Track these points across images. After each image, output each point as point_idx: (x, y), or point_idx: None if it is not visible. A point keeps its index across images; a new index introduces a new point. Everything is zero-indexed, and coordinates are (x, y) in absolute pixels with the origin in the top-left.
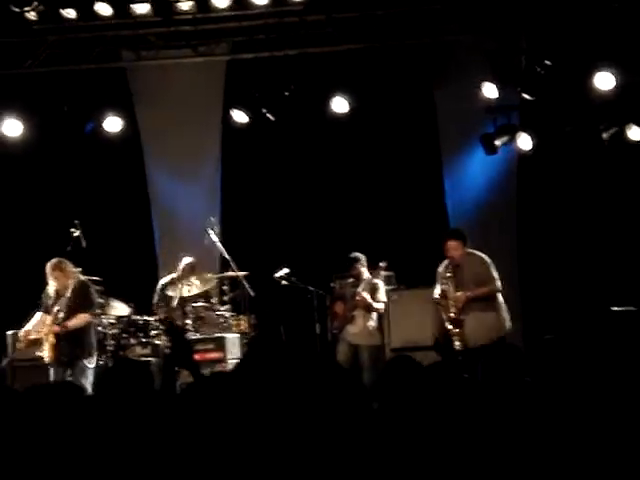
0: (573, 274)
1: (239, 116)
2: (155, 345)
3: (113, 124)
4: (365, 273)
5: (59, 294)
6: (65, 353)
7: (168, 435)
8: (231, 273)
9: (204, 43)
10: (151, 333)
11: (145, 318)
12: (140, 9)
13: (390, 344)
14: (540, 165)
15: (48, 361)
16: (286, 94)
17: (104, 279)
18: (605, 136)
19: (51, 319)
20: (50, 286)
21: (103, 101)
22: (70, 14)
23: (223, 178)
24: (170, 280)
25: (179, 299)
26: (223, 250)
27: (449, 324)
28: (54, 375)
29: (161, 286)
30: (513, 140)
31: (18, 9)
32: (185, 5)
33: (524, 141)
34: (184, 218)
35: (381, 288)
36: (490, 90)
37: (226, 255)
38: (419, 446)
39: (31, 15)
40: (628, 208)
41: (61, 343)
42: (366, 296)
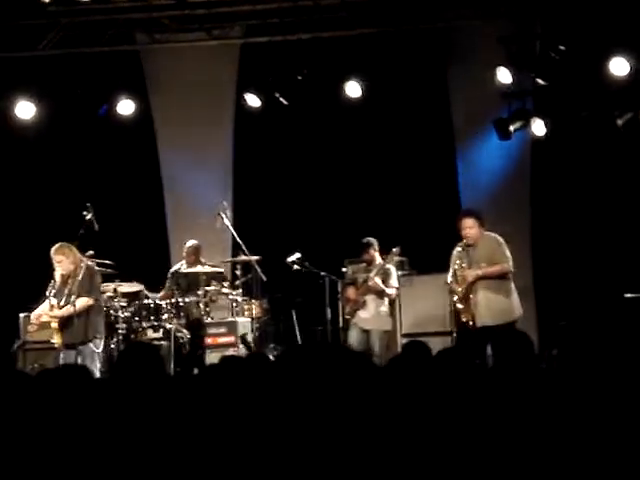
0: (586, 260)
1: (252, 100)
2: (166, 329)
3: (126, 107)
4: (377, 258)
5: (65, 279)
6: (70, 337)
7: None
8: (243, 257)
9: (218, 26)
10: (163, 317)
11: (157, 301)
12: None
13: (401, 329)
14: (554, 151)
15: (57, 346)
16: (299, 78)
17: (116, 262)
18: (620, 122)
19: (56, 304)
20: (56, 271)
21: (116, 84)
22: None
23: (235, 162)
24: (180, 266)
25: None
26: (235, 234)
27: (458, 302)
28: (63, 359)
29: (173, 272)
30: (527, 125)
31: None
32: None
33: (538, 126)
34: (196, 202)
35: (393, 273)
36: (504, 75)
37: (238, 239)
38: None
39: None
40: None
41: (65, 328)
42: (378, 281)
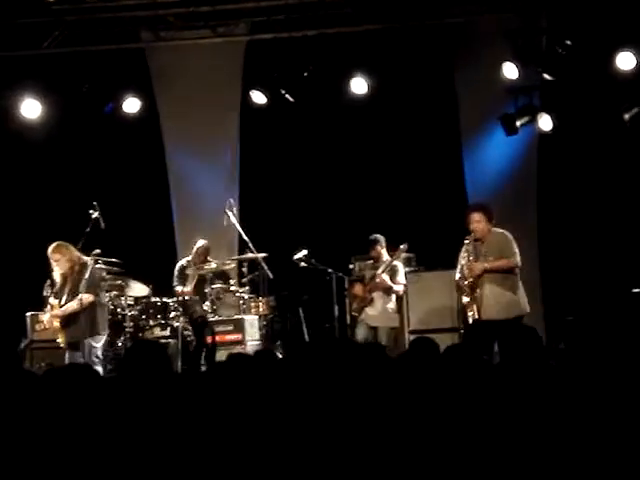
0: (593, 255)
1: (258, 97)
2: (174, 327)
3: (132, 105)
4: (385, 255)
5: (64, 278)
6: (74, 335)
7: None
8: (250, 255)
9: (223, 24)
10: (170, 315)
11: (164, 300)
12: None
13: (409, 326)
14: (561, 146)
15: (62, 345)
16: (305, 75)
17: (123, 260)
18: (626, 116)
19: (57, 303)
20: (55, 271)
21: (122, 82)
22: None
23: (242, 159)
24: (186, 262)
25: (197, 281)
26: (242, 231)
27: (464, 296)
28: (68, 359)
29: (179, 267)
30: (534, 121)
31: None
32: None
33: (545, 122)
34: (203, 199)
35: (400, 270)
36: (511, 70)
37: (245, 237)
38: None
39: None
40: None
41: (68, 326)
42: (385, 278)
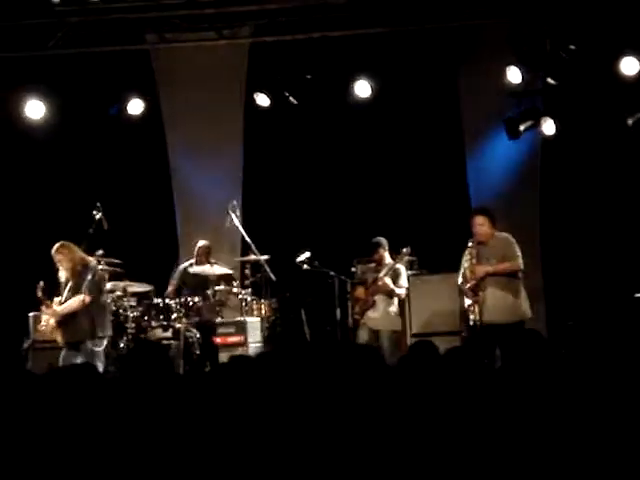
0: (596, 260)
1: (261, 99)
2: (176, 328)
3: (136, 107)
4: (387, 258)
5: (67, 278)
6: (70, 335)
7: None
8: (252, 257)
9: (227, 26)
10: (172, 316)
11: (166, 301)
12: None
13: (411, 329)
14: (564, 150)
15: (60, 344)
16: (309, 77)
17: (125, 261)
18: (630, 121)
19: (57, 302)
20: (60, 271)
21: (126, 84)
22: None
23: (245, 161)
24: (189, 265)
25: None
26: (244, 234)
27: (466, 298)
28: (62, 359)
29: (181, 269)
30: (537, 125)
31: None
32: None
33: (548, 126)
34: (206, 201)
35: (403, 273)
36: (514, 74)
37: (247, 239)
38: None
39: None
40: None
41: (64, 325)
42: (388, 281)
